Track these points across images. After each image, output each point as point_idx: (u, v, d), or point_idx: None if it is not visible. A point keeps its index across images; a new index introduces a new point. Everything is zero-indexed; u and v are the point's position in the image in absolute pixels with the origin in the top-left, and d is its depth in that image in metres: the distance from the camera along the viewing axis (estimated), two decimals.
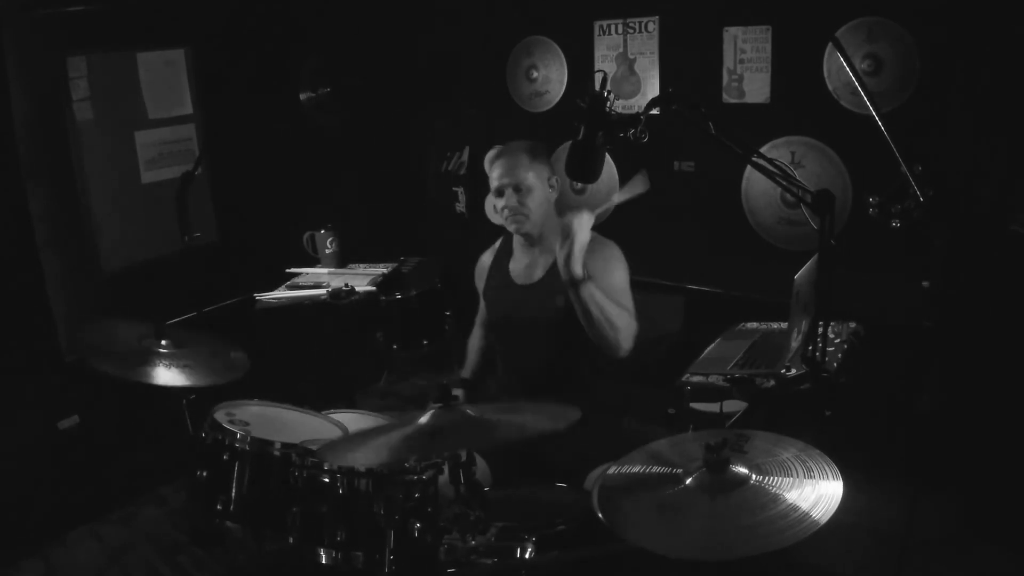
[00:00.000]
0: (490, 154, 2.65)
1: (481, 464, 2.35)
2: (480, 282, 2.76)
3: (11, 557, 3.10)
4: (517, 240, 2.65)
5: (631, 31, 3.80)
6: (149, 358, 2.33)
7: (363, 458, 1.84)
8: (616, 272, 2.57)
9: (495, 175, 2.56)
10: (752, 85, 3.49)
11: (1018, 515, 2.80)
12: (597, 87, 1.96)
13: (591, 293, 2.31)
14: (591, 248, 2.45)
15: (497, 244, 2.77)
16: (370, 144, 4.57)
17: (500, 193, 2.55)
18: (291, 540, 1.94)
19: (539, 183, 2.53)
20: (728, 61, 3.53)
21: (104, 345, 2.40)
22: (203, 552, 3.00)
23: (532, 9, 4.12)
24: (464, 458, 1.83)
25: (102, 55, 3.52)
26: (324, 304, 3.36)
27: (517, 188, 2.51)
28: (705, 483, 1.62)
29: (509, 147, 2.59)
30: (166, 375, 2.30)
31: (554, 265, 2.58)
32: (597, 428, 2.44)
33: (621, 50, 3.84)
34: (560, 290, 2.55)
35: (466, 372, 2.82)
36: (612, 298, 2.39)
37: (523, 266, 2.64)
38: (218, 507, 2.05)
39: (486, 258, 2.77)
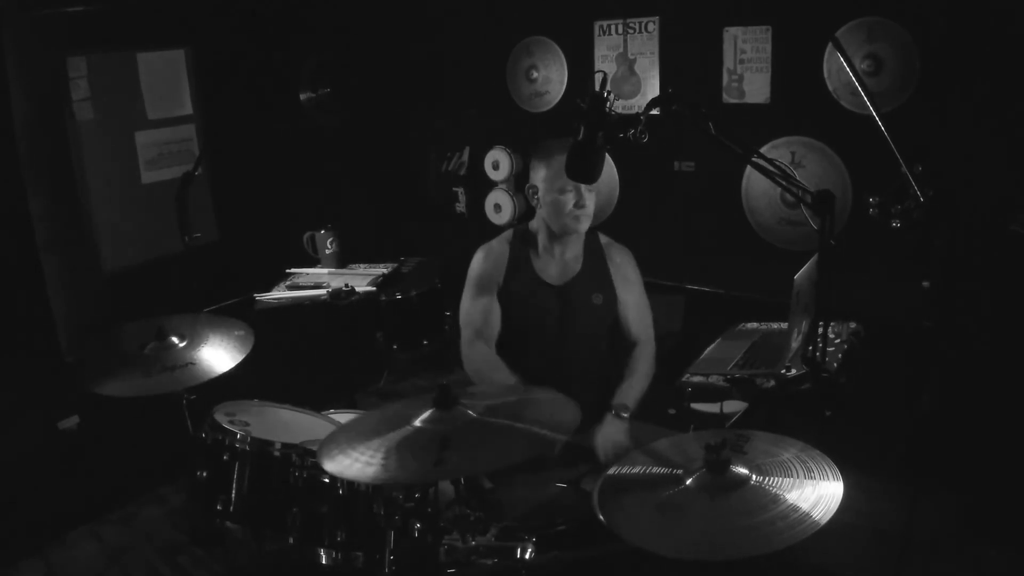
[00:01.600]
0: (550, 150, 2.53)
1: None
2: (491, 275, 2.61)
3: (11, 557, 3.10)
4: (543, 238, 2.61)
5: (631, 31, 3.80)
6: (156, 365, 2.32)
7: (364, 476, 1.73)
8: (639, 285, 2.68)
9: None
10: (752, 85, 3.49)
11: (1018, 515, 2.80)
12: (597, 87, 1.96)
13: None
14: (615, 258, 2.64)
15: (508, 237, 2.69)
16: (370, 144, 4.57)
17: (580, 188, 2.47)
18: (291, 540, 1.94)
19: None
20: (728, 61, 3.53)
21: (110, 367, 2.36)
22: (203, 552, 3.00)
23: (532, 9, 4.12)
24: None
25: (102, 55, 3.52)
26: (324, 304, 3.36)
27: (591, 188, 2.49)
28: (705, 483, 1.63)
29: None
30: (177, 379, 2.29)
31: (586, 261, 2.63)
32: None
33: (621, 50, 3.84)
34: (597, 288, 2.61)
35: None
36: (642, 331, 2.65)
37: (546, 264, 2.62)
38: (218, 507, 2.06)
39: (499, 249, 2.65)
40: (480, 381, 2.50)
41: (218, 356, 2.36)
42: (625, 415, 2.46)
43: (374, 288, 3.49)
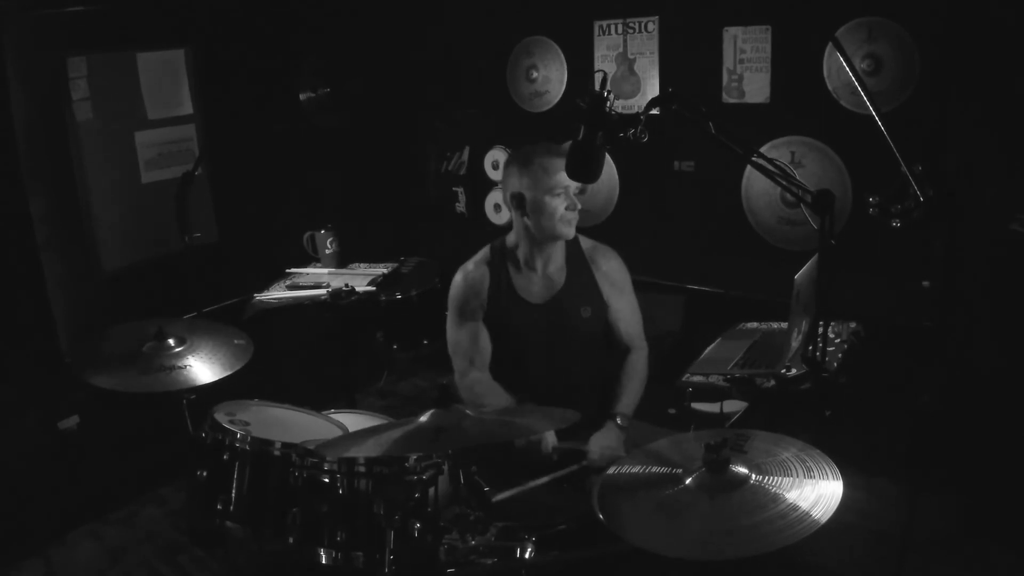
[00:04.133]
0: (541, 153, 2.49)
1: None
2: (473, 301, 2.58)
3: (11, 557, 3.10)
4: (523, 251, 2.58)
5: (631, 31, 3.80)
6: (153, 364, 2.32)
7: (363, 450, 1.85)
8: (629, 288, 2.64)
9: (562, 174, 2.33)
10: (752, 85, 3.49)
11: (1018, 515, 2.80)
12: (597, 87, 1.96)
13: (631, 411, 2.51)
14: (601, 264, 2.58)
15: (485, 257, 2.63)
16: (370, 144, 4.57)
17: (569, 190, 2.44)
18: (291, 540, 1.94)
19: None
20: (728, 61, 3.53)
21: (106, 360, 2.36)
22: (203, 552, 3.00)
23: (532, 9, 4.12)
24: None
25: (102, 55, 3.52)
26: (324, 304, 3.36)
27: (579, 189, 2.47)
28: (705, 483, 1.63)
29: (561, 148, 2.23)
30: (173, 379, 2.29)
31: (570, 273, 2.58)
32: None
33: (621, 50, 3.84)
34: (583, 301, 2.56)
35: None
36: (635, 336, 2.62)
37: (528, 282, 2.58)
38: (218, 507, 2.05)
39: (477, 274, 2.59)
40: (478, 407, 2.49)
41: (215, 362, 2.36)
42: (623, 423, 2.46)
43: (374, 288, 3.50)
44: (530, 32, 4.15)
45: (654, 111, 1.95)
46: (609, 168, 3.99)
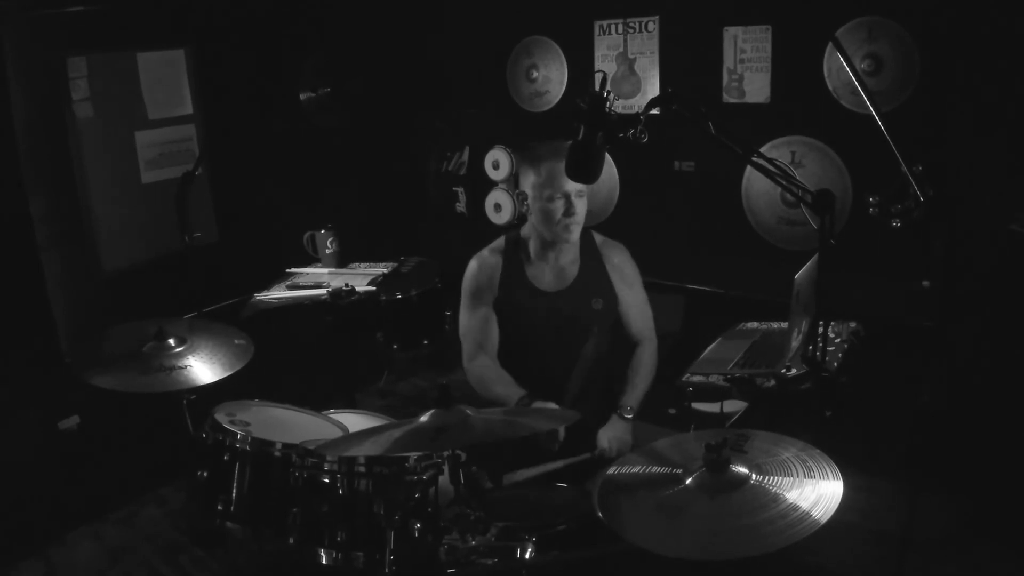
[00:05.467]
0: (543, 155, 2.48)
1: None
2: (485, 287, 2.60)
3: (11, 557, 3.10)
4: (535, 244, 2.59)
5: (631, 31, 3.80)
6: (153, 364, 2.32)
7: (363, 449, 1.85)
8: (638, 282, 2.66)
9: (562, 179, 2.38)
10: (752, 85, 3.49)
11: (1018, 515, 2.80)
12: (597, 87, 1.96)
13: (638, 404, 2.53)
14: (613, 258, 2.61)
15: (500, 246, 2.66)
16: (370, 144, 4.57)
17: (569, 196, 2.45)
18: (291, 540, 1.94)
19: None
20: (728, 61, 3.53)
21: (105, 360, 2.36)
22: (203, 552, 3.00)
23: (532, 9, 4.12)
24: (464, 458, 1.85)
25: (102, 55, 3.52)
26: (324, 304, 3.36)
27: (582, 193, 2.48)
28: (705, 483, 1.63)
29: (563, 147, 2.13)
30: (173, 379, 2.29)
31: (583, 266, 2.61)
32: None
33: (621, 50, 3.84)
34: (595, 292, 2.58)
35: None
36: (644, 329, 2.66)
37: (540, 272, 2.60)
38: (218, 507, 2.06)
39: (492, 260, 2.63)
40: (484, 393, 2.51)
41: (215, 363, 2.36)
42: (629, 416, 2.48)
43: (374, 288, 3.50)
44: (530, 32, 4.15)
45: (654, 111, 1.95)
46: (609, 168, 3.99)
